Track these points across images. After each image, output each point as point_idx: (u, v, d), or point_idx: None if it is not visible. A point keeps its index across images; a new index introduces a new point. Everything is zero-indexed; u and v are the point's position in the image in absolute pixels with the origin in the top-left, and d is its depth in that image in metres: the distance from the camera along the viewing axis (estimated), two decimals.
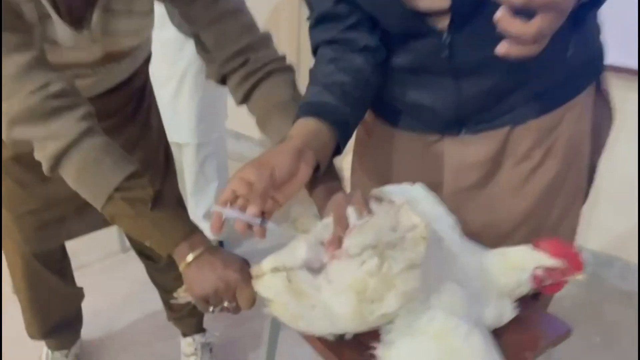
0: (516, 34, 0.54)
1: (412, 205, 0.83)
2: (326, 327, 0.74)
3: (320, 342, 0.79)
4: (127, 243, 2.18)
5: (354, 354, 0.76)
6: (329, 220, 0.79)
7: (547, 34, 0.55)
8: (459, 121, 0.95)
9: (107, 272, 2.14)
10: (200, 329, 1.74)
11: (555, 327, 0.84)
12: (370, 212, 0.77)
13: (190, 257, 0.85)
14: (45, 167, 0.85)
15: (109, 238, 2.18)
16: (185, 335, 1.74)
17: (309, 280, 0.76)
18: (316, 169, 0.84)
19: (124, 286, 2.05)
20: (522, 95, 0.91)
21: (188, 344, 1.73)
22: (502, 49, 0.56)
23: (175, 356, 1.78)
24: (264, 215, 0.77)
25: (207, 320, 1.73)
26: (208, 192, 2.15)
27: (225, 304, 0.85)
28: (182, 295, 0.90)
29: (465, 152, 0.99)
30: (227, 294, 0.82)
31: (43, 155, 0.84)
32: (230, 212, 0.75)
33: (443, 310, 0.73)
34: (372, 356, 0.74)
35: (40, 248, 1.38)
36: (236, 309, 0.86)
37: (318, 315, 0.74)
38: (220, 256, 0.84)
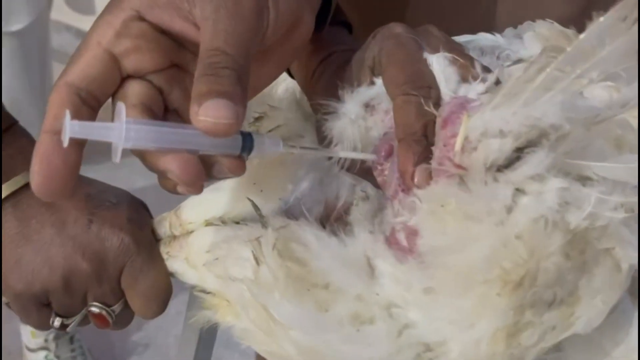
0: None
1: None
2: None
3: None
4: None
5: None
6: (368, 92, 0.30)
7: None
8: None
9: None
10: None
11: None
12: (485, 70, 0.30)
13: None
14: None
15: None
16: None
17: (331, 249, 0.28)
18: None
19: None
20: None
21: (32, 334, 1.20)
22: None
23: (14, 349, 1.29)
24: None
25: None
26: None
27: (94, 309, 0.36)
28: None
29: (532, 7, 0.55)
30: (99, 284, 0.36)
31: None
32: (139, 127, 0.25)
33: None
34: None
35: None
36: (123, 319, 0.38)
37: (370, 347, 0.26)
38: (78, 194, 0.37)
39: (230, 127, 0.23)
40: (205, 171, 0.25)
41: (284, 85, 0.38)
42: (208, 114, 0.22)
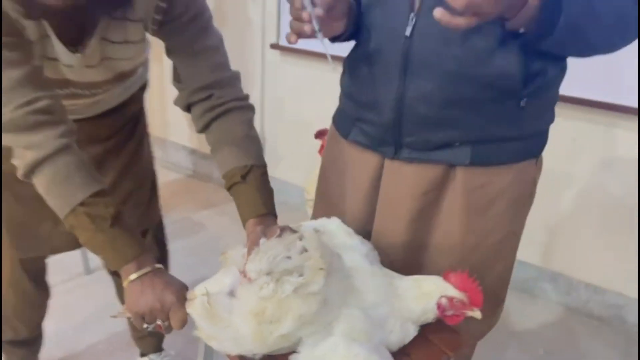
0: (451, 2, 0.63)
1: (330, 237, 0.88)
2: (234, 347, 0.78)
3: None
4: (91, 265, 2.20)
5: None
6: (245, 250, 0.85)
7: (477, 12, 0.64)
8: (397, 137, 0.92)
9: (70, 293, 2.13)
10: (158, 349, 1.75)
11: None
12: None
13: (134, 276, 0.90)
14: (20, 173, 0.91)
15: (74, 260, 2.18)
16: (142, 355, 1.77)
17: (226, 304, 0.80)
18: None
19: (87, 308, 2.05)
20: (460, 132, 0.88)
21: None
22: (437, 13, 0.65)
23: None
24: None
25: (167, 338, 1.72)
26: None
27: (159, 322, 0.91)
28: (121, 312, 0.94)
29: (400, 181, 0.97)
30: (161, 313, 0.89)
31: (20, 162, 0.91)
32: None
33: (344, 337, 0.76)
34: None
35: (27, 255, 1.41)
36: (168, 328, 0.91)
37: (228, 336, 0.78)
38: (162, 278, 0.91)
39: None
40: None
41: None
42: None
